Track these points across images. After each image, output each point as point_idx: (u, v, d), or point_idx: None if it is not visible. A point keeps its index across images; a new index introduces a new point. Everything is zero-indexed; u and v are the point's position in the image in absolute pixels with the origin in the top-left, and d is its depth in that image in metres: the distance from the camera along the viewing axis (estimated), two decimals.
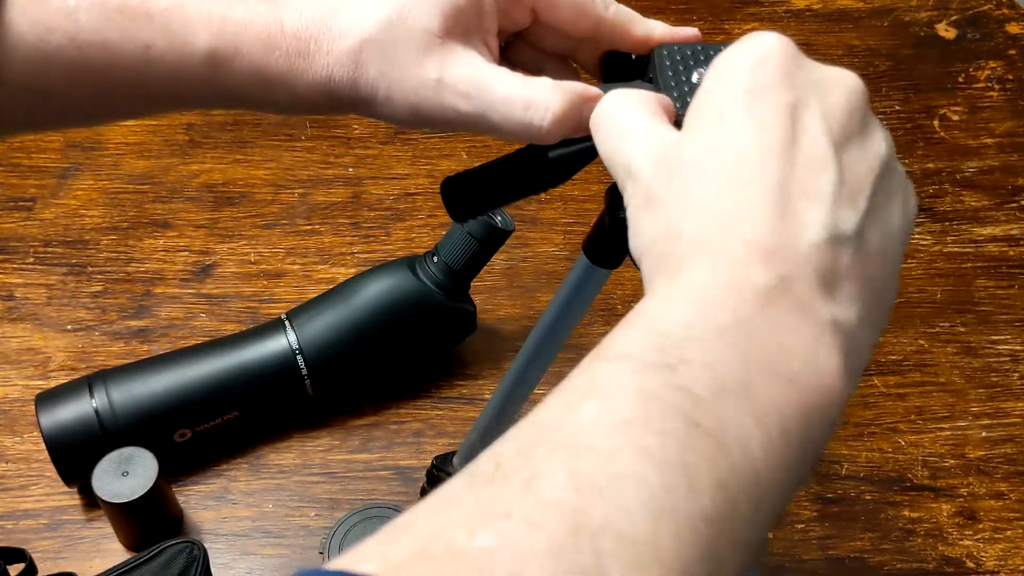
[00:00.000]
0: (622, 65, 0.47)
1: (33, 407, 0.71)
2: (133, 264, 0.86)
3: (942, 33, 1.04)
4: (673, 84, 0.42)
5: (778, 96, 0.36)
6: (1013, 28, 1.04)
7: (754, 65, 0.36)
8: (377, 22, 0.44)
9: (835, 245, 0.34)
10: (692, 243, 0.35)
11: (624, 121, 0.39)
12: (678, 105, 0.40)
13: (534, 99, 0.43)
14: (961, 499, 0.74)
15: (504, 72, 0.44)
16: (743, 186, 0.35)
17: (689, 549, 0.29)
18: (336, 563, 0.28)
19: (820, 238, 0.34)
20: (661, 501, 0.29)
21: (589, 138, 0.41)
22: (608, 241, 0.50)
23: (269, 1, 0.45)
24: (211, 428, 0.73)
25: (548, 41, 0.48)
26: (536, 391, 0.60)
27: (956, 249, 0.88)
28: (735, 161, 0.35)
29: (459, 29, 0.44)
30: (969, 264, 0.87)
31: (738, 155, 0.35)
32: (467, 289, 0.77)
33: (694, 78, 0.42)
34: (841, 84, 0.37)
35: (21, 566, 0.65)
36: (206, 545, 0.67)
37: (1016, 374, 0.80)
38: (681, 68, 0.42)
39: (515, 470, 0.30)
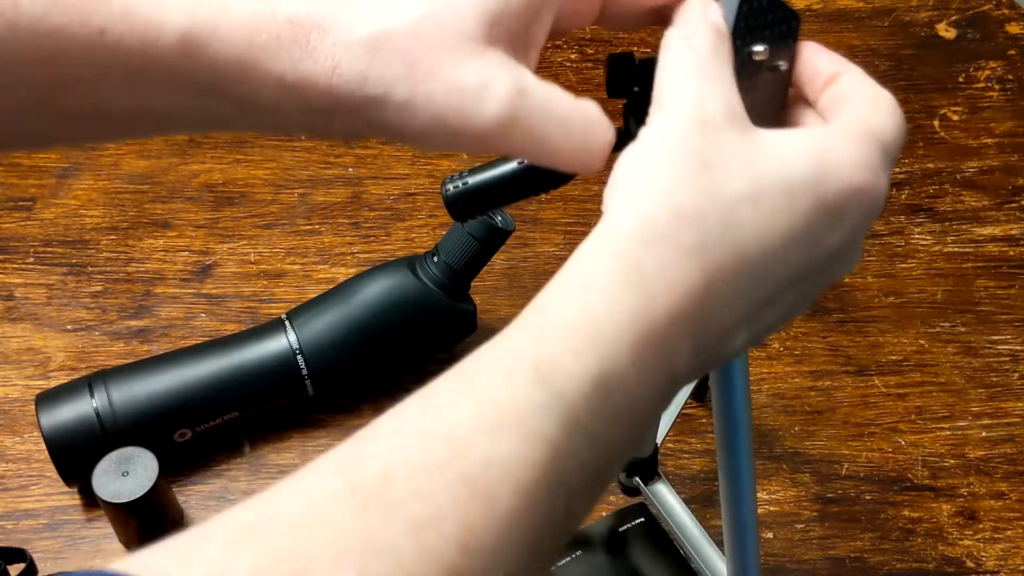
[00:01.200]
0: (626, 70, 0.46)
1: (33, 407, 0.71)
2: (133, 264, 0.86)
3: (942, 33, 1.04)
4: None
5: (855, 219, 0.36)
6: (1013, 28, 1.04)
7: (870, 198, 0.36)
8: (403, 14, 0.37)
9: (738, 349, 0.37)
10: (663, 235, 0.35)
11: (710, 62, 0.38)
12: None
13: (596, 122, 0.39)
14: (961, 499, 0.74)
15: (559, 90, 0.38)
16: (759, 274, 0.36)
17: None
18: (170, 567, 0.26)
19: (735, 347, 0.37)
20: None
21: None
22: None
23: None
24: (211, 428, 0.73)
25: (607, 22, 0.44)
26: None
27: (956, 249, 0.88)
28: (772, 230, 0.35)
29: (505, 36, 0.38)
30: (969, 264, 0.87)
31: (781, 229, 0.35)
32: (467, 289, 0.77)
33: None
34: (861, 247, 0.39)
35: (21, 566, 0.65)
36: None
37: (1016, 374, 0.80)
38: None
39: (406, 497, 0.29)
